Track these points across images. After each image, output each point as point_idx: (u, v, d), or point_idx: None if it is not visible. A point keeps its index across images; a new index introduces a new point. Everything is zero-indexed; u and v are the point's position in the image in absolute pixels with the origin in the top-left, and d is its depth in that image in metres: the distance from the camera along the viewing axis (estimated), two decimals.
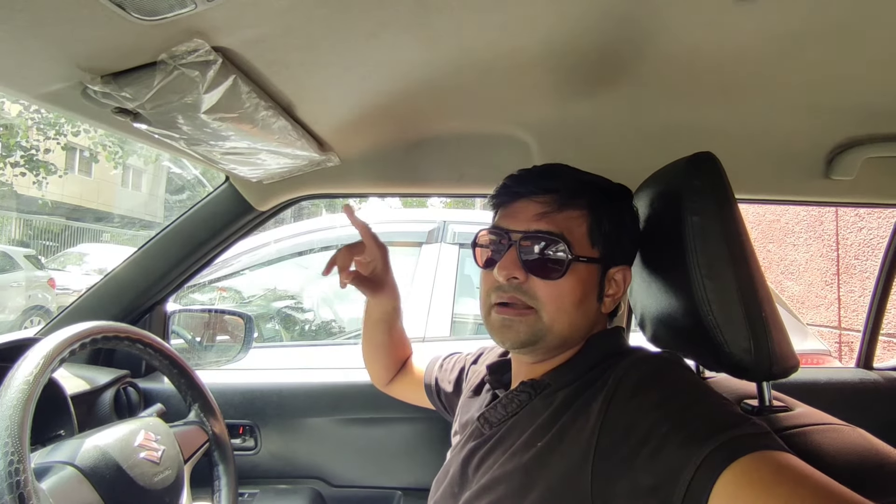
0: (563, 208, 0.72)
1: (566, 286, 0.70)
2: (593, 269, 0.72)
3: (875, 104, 0.95)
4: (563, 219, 0.71)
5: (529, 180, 0.74)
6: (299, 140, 0.93)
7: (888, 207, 1.36)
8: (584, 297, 0.72)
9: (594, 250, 0.72)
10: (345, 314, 2.83)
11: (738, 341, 0.64)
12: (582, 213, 0.72)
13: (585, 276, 0.72)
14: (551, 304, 0.71)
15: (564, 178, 0.74)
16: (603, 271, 0.74)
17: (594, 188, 0.75)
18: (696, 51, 0.76)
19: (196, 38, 0.60)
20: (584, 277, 0.72)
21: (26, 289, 8.40)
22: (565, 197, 0.72)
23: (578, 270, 0.71)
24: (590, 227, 0.72)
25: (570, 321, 0.72)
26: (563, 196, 0.72)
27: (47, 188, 10.97)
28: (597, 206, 0.73)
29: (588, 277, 0.72)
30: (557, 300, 0.71)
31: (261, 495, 1.35)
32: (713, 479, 0.49)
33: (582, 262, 0.71)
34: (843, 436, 0.61)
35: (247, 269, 2.37)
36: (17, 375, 0.67)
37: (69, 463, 0.74)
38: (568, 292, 0.71)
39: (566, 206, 0.72)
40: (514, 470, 0.66)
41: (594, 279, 0.73)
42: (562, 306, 0.71)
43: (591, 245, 0.72)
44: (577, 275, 0.71)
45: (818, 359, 2.04)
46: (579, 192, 0.73)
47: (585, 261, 0.71)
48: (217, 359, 1.48)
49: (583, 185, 0.74)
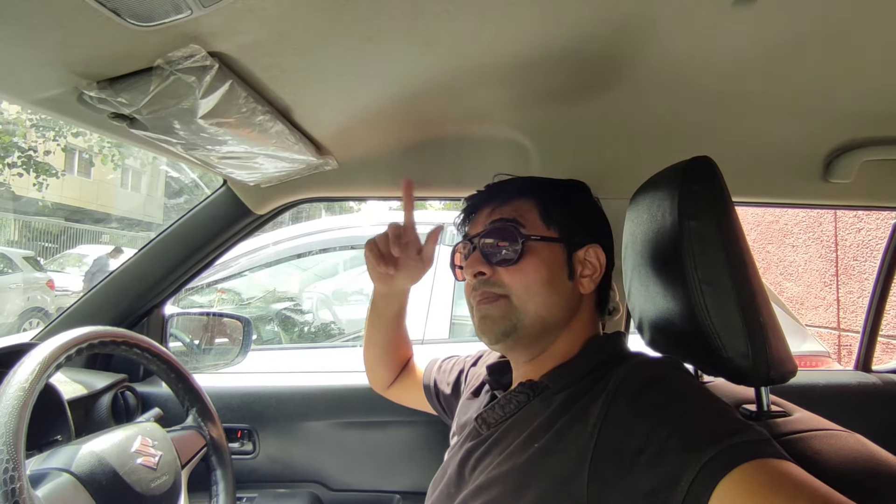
0: (509, 202, 0.78)
1: (529, 267, 0.74)
2: (555, 248, 0.76)
3: (873, 107, 0.95)
4: (513, 208, 0.78)
5: (483, 193, 0.83)
6: (297, 144, 0.93)
7: (886, 210, 1.36)
8: (551, 277, 0.75)
9: (550, 231, 0.76)
10: (344, 316, 2.82)
11: (735, 346, 0.64)
12: (530, 202, 0.78)
13: (548, 256, 0.75)
14: (518, 287, 0.74)
15: (512, 183, 0.82)
16: (567, 251, 0.76)
17: (540, 183, 0.81)
18: (694, 54, 0.76)
19: (192, 44, 0.60)
20: (546, 257, 0.75)
21: (25, 290, 8.40)
22: (512, 194, 0.79)
23: (538, 251, 0.75)
24: (541, 213, 0.77)
25: (543, 301, 0.74)
26: (508, 193, 0.79)
27: (46, 189, 10.96)
28: (543, 196, 0.79)
29: (551, 257, 0.75)
30: (523, 282, 0.74)
31: (259, 500, 1.34)
32: (712, 487, 0.49)
33: (537, 241, 0.75)
34: (841, 441, 0.60)
35: (246, 271, 2.37)
36: (12, 381, 0.67)
37: (65, 470, 0.74)
38: (532, 272, 0.74)
39: (514, 199, 0.79)
40: (510, 471, 0.66)
41: (559, 259, 0.76)
42: (529, 287, 0.74)
43: (545, 227, 0.76)
44: (538, 255, 0.75)
45: (817, 360, 2.04)
46: (526, 189, 0.80)
47: (539, 239, 0.75)
48: (215, 362, 1.48)
49: (529, 182, 0.81)
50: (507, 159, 1.13)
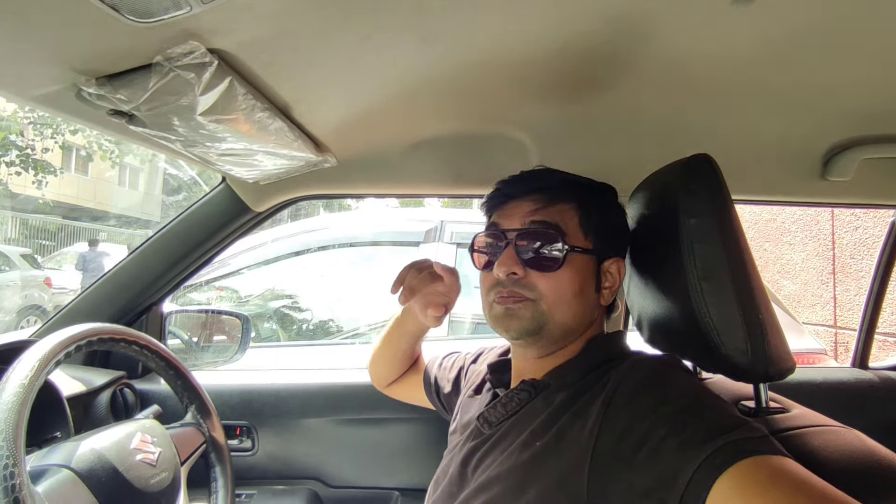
0: (553, 203, 0.75)
1: (565, 277, 0.73)
2: (589, 260, 0.75)
3: (871, 105, 0.95)
4: (556, 212, 0.75)
5: (520, 182, 0.79)
6: (296, 141, 0.93)
7: (884, 208, 1.36)
8: (582, 288, 0.74)
9: (587, 241, 0.75)
10: (342, 313, 2.82)
11: (734, 343, 0.64)
12: (572, 207, 0.76)
13: (582, 267, 0.74)
14: (551, 294, 0.73)
15: (552, 178, 0.78)
16: (598, 262, 0.76)
17: (580, 185, 0.79)
18: (693, 52, 0.76)
19: (191, 41, 0.60)
20: (580, 268, 0.74)
21: (22, 288, 8.38)
22: (555, 194, 0.76)
23: (575, 261, 0.73)
24: (580, 220, 0.75)
25: (571, 311, 0.74)
26: (552, 192, 0.76)
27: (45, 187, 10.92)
28: (584, 201, 0.77)
29: (585, 268, 0.75)
30: (557, 291, 0.73)
31: (258, 496, 1.35)
32: (710, 483, 0.49)
33: (577, 253, 0.73)
34: (839, 438, 0.61)
35: (244, 269, 2.37)
36: (12, 378, 0.67)
37: (65, 466, 0.74)
38: (567, 283, 0.73)
39: (556, 201, 0.75)
40: (512, 469, 0.67)
41: (591, 270, 0.75)
42: (562, 297, 0.73)
43: (584, 236, 0.75)
44: (573, 266, 0.73)
45: (814, 358, 2.04)
46: (567, 189, 0.77)
47: (581, 251, 0.74)
48: (214, 359, 1.48)
49: (569, 183, 0.78)
50: (507, 157, 1.13)
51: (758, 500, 0.47)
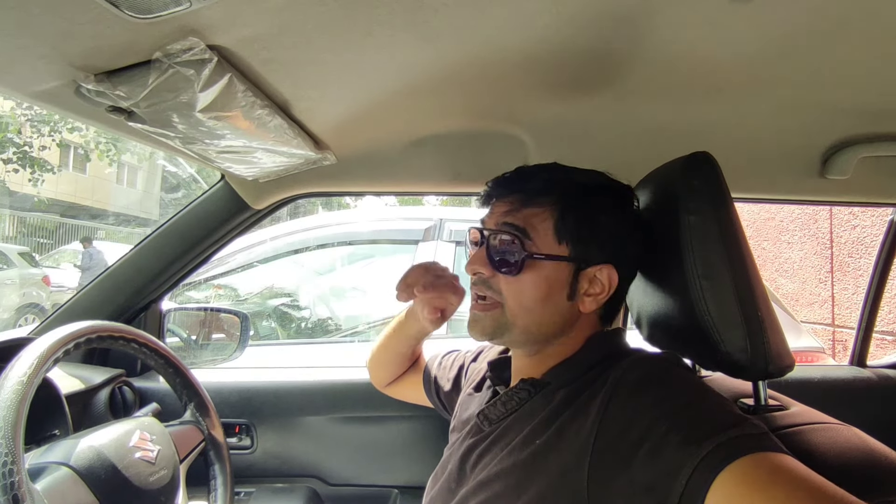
0: (526, 205, 0.73)
1: (526, 282, 0.71)
2: (561, 266, 0.71)
3: (870, 104, 0.96)
4: (528, 214, 0.72)
5: (504, 182, 0.77)
6: (295, 139, 0.93)
7: (883, 206, 1.37)
8: (548, 295, 0.71)
9: (561, 247, 0.71)
10: (341, 312, 2.82)
11: (734, 341, 0.64)
12: (546, 210, 0.72)
13: (550, 273, 0.71)
14: (512, 299, 0.72)
15: (534, 179, 0.76)
16: (575, 269, 0.72)
17: (567, 186, 0.74)
18: (692, 50, 0.76)
19: (191, 37, 0.60)
20: (547, 274, 0.71)
21: (20, 286, 8.36)
22: (530, 195, 0.73)
23: (541, 267, 0.71)
24: (556, 224, 0.71)
25: (534, 318, 0.72)
26: (527, 194, 0.73)
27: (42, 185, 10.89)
28: (565, 203, 0.72)
29: (553, 274, 0.71)
30: (517, 296, 0.72)
31: (257, 494, 1.35)
32: (710, 480, 0.49)
33: (539, 259, 0.70)
34: (838, 435, 0.61)
35: (243, 267, 2.37)
36: (10, 376, 0.66)
37: (64, 463, 0.74)
38: (528, 288, 0.71)
39: (530, 204, 0.73)
40: (512, 467, 0.67)
41: (562, 277, 0.71)
42: (522, 302, 0.72)
43: (557, 241, 0.71)
44: (538, 272, 0.71)
45: (812, 356, 2.05)
46: (546, 191, 0.73)
47: (543, 258, 0.70)
48: (213, 357, 1.48)
49: (552, 184, 0.74)
50: (505, 155, 1.13)
51: (758, 496, 0.47)
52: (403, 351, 1.11)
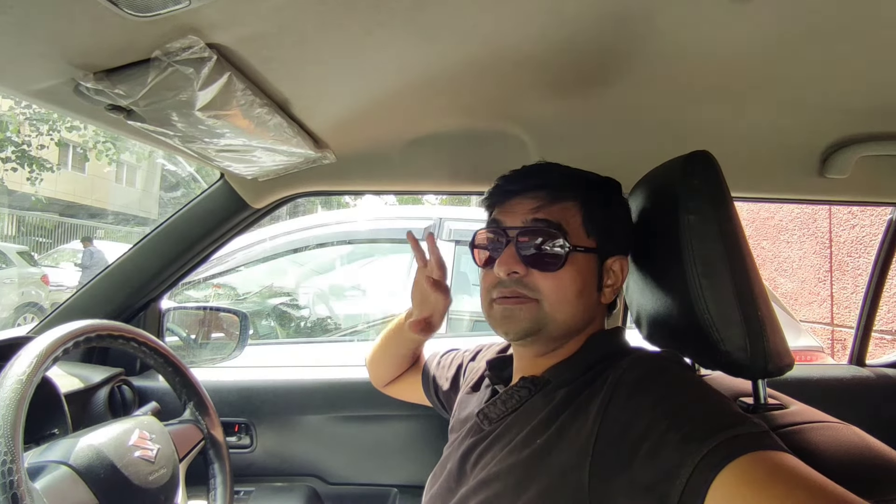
0: (556, 201, 0.74)
1: (566, 277, 0.72)
2: (591, 258, 0.74)
3: (870, 103, 0.96)
4: (558, 210, 0.73)
5: (521, 178, 0.78)
6: (295, 137, 0.93)
7: (882, 205, 1.37)
8: (584, 287, 0.73)
9: (590, 240, 0.74)
10: (340, 311, 2.82)
11: (733, 339, 0.64)
12: (574, 205, 0.74)
13: (584, 266, 0.73)
14: (553, 294, 0.72)
15: (554, 174, 0.78)
16: (600, 261, 0.75)
17: (583, 181, 0.77)
18: (692, 49, 0.76)
19: (190, 35, 0.60)
20: (582, 267, 0.73)
21: (19, 285, 8.36)
22: (556, 190, 0.74)
23: (577, 261, 0.72)
24: (584, 218, 0.74)
25: (572, 311, 0.73)
26: (554, 190, 0.74)
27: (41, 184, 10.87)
28: (587, 198, 0.75)
29: (587, 267, 0.74)
30: (558, 291, 0.72)
31: (257, 493, 1.35)
32: (711, 479, 0.49)
33: (580, 252, 0.72)
34: (837, 433, 0.61)
35: (242, 266, 2.36)
36: (9, 374, 0.66)
37: (63, 462, 0.73)
38: (569, 283, 0.72)
39: (559, 199, 0.74)
40: (512, 466, 0.67)
41: (593, 269, 0.75)
42: (563, 297, 0.72)
43: (586, 235, 0.74)
44: (575, 265, 0.72)
45: (811, 355, 2.05)
46: (569, 186, 0.75)
47: (583, 251, 0.73)
48: (212, 356, 1.48)
49: (572, 179, 0.77)
50: (506, 154, 1.13)
51: (758, 495, 0.47)
52: (403, 353, 1.11)
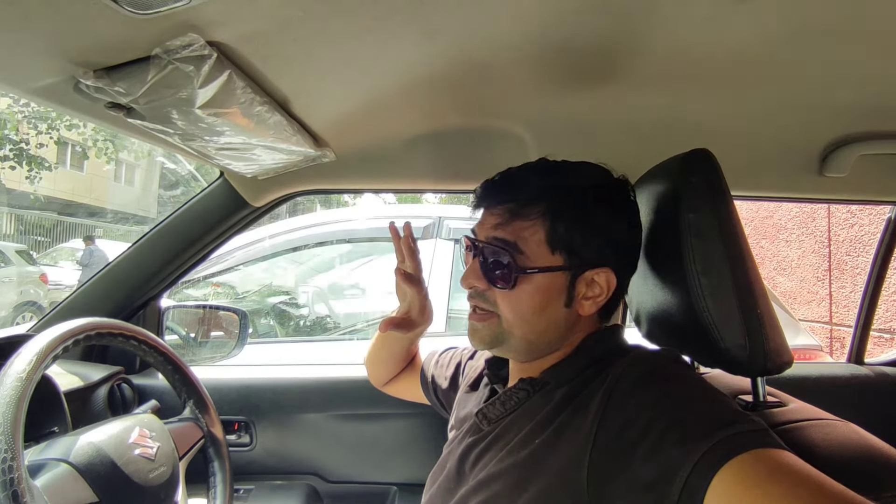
0: (514, 219, 0.71)
1: (522, 295, 0.70)
2: (556, 275, 0.70)
3: (869, 102, 0.96)
4: (517, 228, 0.70)
5: (492, 190, 0.75)
6: (294, 135, 0.93)
7: (881, 204, 1.37)
8: (544, 305, 0.70)
9: (555, 257, 0.70)
10: (340, 310, 2.82)
11: (733, 337, 0.64)
12: (536, 222, 0.70)
13: (545, 284, 0.70)
14: (508, 312, 0.71)
15: (523, 188, 0.73)
16: (572, 276, 0.70)
17: (555, 192, 0.71)
18: (692, 47, 0.76)
19: (190, 33, 0.60)
20: (543, 285, 0.70)
21: (18, 284, 8.36)
22: (519, 207, 0.71)
23: (535, 280, 0.69)
24: (548, 234, 0.69)
25: (532, 328, 0.72)
26: (516, 206, 0.71)
27: (39, 183, 10.86)
28: (556, 210, 0.70)
29: (549, 284, 0.70)
30: (514, 309, 0.71)
31: (256, 491, 1.35)
32: (710, 477, 0.49)
33: (533, 273, 0.69)
34: (836, 431, 0.61)
35: (241, 265, 2.36)
36: (10, 372, 0.66)
37: (63, 460, 0.74)
38: (525, 300, 0.70)
39: (518, 217, 0.71)
40: (512, 466, 0.67)
41: (558, 285, 0.70)
42: (519, 314, 0.71)
43: (550, 252, 0.70)
44: (533, 284, 0.70)
45: (810, 354, 2.06)
46: (535, 200, 0.71)
47: (536, 271, 0.69)
48: (212, 355, 1.48)
49: (540, 192, 0.71)
50: (505, 152, 1.13)
51: (757, 492, 0.47)
52: (396, 351, 1.11)
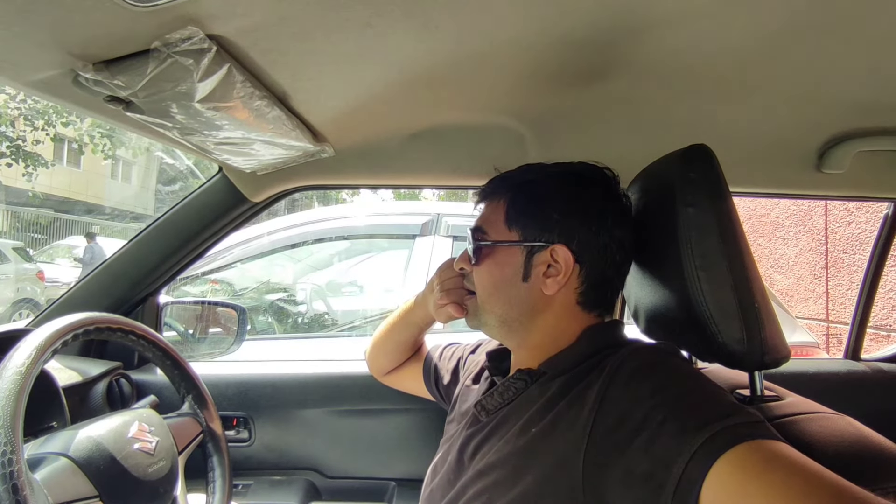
0: (490, 202, 0.81)
1: (484, 269, 0.79)
2: (513, 250, 0.76)
3: (867, 98, 0.96)
4: (488, 212, 0.81)
5: (485, 187, 0.84)
6: (294, 130, 0.93)
7: (878, 201, 1.37)
8: (503, 279, 0.77)
9: (511, 232, 0.77)
10: (338, 307, 2.82)
11: (731, 332, 0.65)
12: (501, 203, 0.79)
13: (502, 259, 0.77)
14: (478, 287, 0.80)
15: (494, 181, 0.83)
16: (528, 252, 0.75)
17: (514, 180, 0.81)
18: (691, 43, 0.76)
19: (190, 26, 0.59)
20: (500, 260, 0.77)
21: (15, 281, 8.34)
22: (490, 194, 0.82)
23: (493, 254, 0.78)
24: (506, 212, 0.78)
25: (496, 301, 0.78)
26: (489, 194, 0.82)
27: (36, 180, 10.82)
28: (515, 193, 0.79)
29: (505, 260, 0.77)
30: (480, 282, 0.80)
31: (255, 486, 1.35)
32: (707, 468, 0.50)
33: (490, 245, 0.78)
34: (832, 423, 0.62)
35: (239, 262, 2.36)
36: (9, 366, 0.66)
37: (63, 454, 0.74)
38: (485, 274, 0.79)
39: (490, 200, 0.82)
40: (509, 456, 0.67)
41: (515, 260, 0.76)
42: (484, 288, 0.79)
43: (507, 229, 0.77)
44: (492, 258, 0.78)
45: (807, 351, 2.07)
46: (500, 188, 0.81)
47: (492, 244, 0.78)
48: (210, 351, 1.48)
49: (504, 181, 0.81)
50: (504, 148, 1.13)
51: (754, 483, 0.47)
52: (406, 339, 1.12)
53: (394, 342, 1.13)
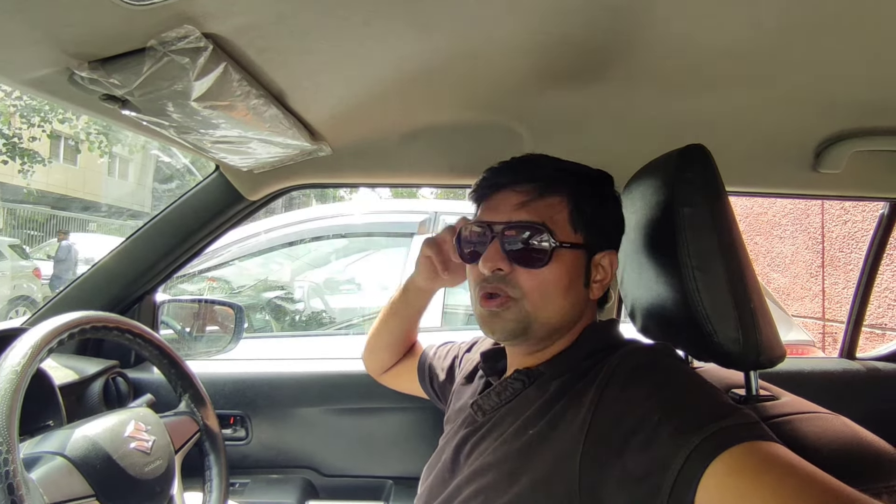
0: (543, 196, 0.72)
1: (551, 274, 0.71)
2: (578, 254, 0.73)
3: (864, 98, 0.96)
4: (544, 206, 0.72)
5: (509, 171, 0.76)
6: (291, 129, 0.92)
7: (874, 200, 1.38)
8: (570, 284, 0.72)
9: (577, 236, 0.73)
10: (335, 305, 2.82)
11: (726, 331, 0.65)
12: (562, 200, 0.73)
13: (570, 263, 0.72)
14: (535, 292, 0.71)
15: (544, 167, 0.76)
16: (588, 257, 0.74)
17: (573, 175, 0.75)
18: (688, 43, 0.76)
19: (186, 24, 0.59)
20: (568, 264, 0.72)
21: (11, 279, 8.31)
22: (545, 185, 0.73)
23: (562, 257, 0.71)
24: (571, 213, 0.73)
25: (557, 309, 0.72)
26: (542, 184, 0.73)
27: (32, 177, 10.78)
28: (577, 193, 0.74)
29: (573, 264, 0.72)
30: (541, 288, 0.71)
31: (252, 485, 1.35)
32: (702, 469, 0.50)
33: (565, 249, 0.71)
34: (827, 424, 0.62)
35: (236, 260, 2.36)
36: (4, 365, 0.66)
37: (59, 453, 0.73)
38: (553, 280, 0.71)
39: (546, 194, 0.72)
40: (505, 456, 0.67)
41: (580, 265, 0.73)
42: (547, 294, 0.71)
43: (573, 231, 0.73)
44: (561, 262, 0.71)
45: (802, 349, 2.07)
46: (559, 180, 0.74)
47: (569, 247, 0.71)
48: (207, 349, 1.47)
49: (562, 173, 0.75)
50: (501, 146, 1.13)
51: (749, 484, 0.48)
52: (399, 333, 1.12)
53: (387, 338, 1.13)
